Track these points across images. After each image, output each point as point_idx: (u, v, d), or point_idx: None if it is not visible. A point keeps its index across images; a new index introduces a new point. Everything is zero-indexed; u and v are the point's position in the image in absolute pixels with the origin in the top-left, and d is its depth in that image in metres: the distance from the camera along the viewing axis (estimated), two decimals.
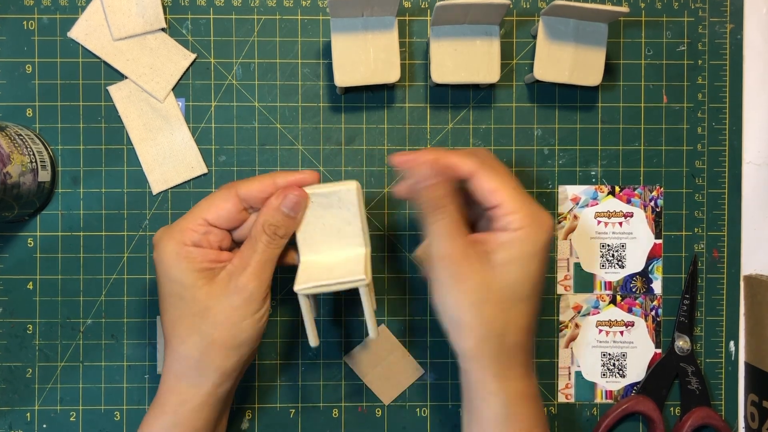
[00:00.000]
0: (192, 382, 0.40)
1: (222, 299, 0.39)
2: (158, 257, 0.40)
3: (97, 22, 0.50)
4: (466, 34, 0.48)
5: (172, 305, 0.40)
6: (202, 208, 0.41)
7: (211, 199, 0.41)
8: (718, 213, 0.52)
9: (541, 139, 0.52)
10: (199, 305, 0.39)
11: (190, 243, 0.40)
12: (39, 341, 0.50)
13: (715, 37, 0.52)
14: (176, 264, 0.39)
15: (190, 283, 0.39)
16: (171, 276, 0.39)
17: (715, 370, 0.52)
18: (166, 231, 0.40)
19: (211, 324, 0.39)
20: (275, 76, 0.51)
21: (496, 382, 0.39)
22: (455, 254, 0.39)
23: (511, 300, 0.39)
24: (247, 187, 0.41)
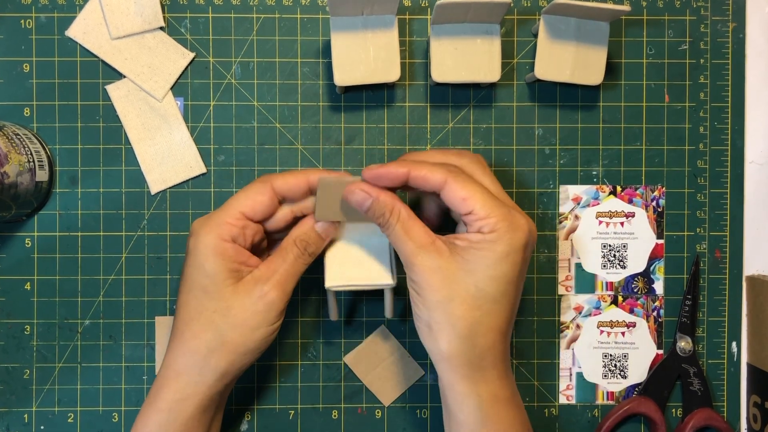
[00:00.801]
0: (191, 380, 0.40)
1: (245, 301, 0.40)
2: (194, 247, 0.41)
3: (95, 20, 0.50)
4: (467, 32, 0.48)
5: (195, 297, 0.40)
6: (239, 201, 0.41)
7: (247, 192, 0.42)
8: (721, 213, 0.52)
9: (542, 138, 0.52)
10: (222, 303, 0.40)
11: (229, 238, 0.41)
12: (36, 342, 0.50)
13: (717, 36, 0.52)
14: (212, 258, 0.40)
15: (220, 279, 0.40)
16: (204, 269, 0.40)
17: (717, 371, 0.52)
18: (206, 222, 0.41)
19: (230, 324, 0.40)
20: (274, 75, 0.51)
21: (468, 384, 0.39)
22: (416, 252, 0.39)
23: (481, 300, 0.38)
24: (283, 180, 0.42)
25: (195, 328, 0.40)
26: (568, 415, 0.52)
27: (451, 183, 0.39)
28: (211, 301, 0.40)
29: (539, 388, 0.52)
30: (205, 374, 0.40)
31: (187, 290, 0.41)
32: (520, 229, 0.39)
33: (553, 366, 0.52)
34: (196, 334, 0.40)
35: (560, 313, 0.52)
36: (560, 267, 0.52)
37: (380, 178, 0.40)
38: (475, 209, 0.38)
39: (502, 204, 0.39)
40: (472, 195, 0.38)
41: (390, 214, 0.40)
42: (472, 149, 0.51)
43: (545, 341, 0.52)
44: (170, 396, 0.41)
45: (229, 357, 0.41)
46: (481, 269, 0.38)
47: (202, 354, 0.40)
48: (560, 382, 0.52)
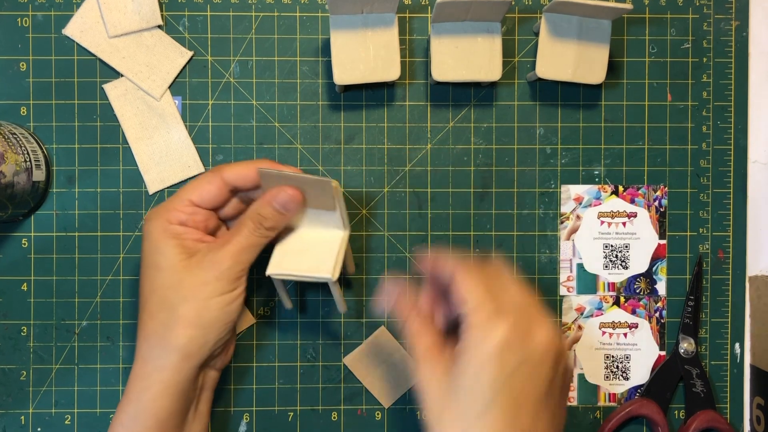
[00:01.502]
0: (155, 364, 0.40)
1: (196, 272, 0.40)
2: (146, 232, 0.42)
3: (92, 19, 0.49)
4: (468, 31, 0.48)
5: (150, 277, 0.41)
6: (188, 190, 0.43)
7: (197, 181, 0.43)
8: (724, 213, 0.52)
9: (544, 137, 0.51)
10: (174, 277, 0.40)
11: (176, 222, 0.42)
12: (33, 343, 0.50)
13: (720, 35, 0.52)
14: (162, 239, 0.41)
15: (172, 254, 0.41)
16: (157, 248, 0.41)
17: (720, 373, 0.52)
18: (155, 210, 0.43)
19: (181, 297, 0.40)
20: (273, 74, 0.51)
21: None
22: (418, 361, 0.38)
23: (471, 408, 0.35)
24: (232, 169, 0.43)
25: (151, 307, 0.41)
26: (570, 417, 0.52)
27: (457, 272, 0.38)
28: (164, 277, 0.41)
29: None
30: (165, 356, 0.40)
31: (143, 273, 0.42)
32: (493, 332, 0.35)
33: None
34: (152, 314, 0.41)
35: (562, 314, 0.52)
36: (562, 267, 0.52)
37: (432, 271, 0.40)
38: (467, 296, 0.36)
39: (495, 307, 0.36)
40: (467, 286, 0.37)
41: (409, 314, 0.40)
42: (473, 148, 0.51)
43: None
44: (138, 385, 0.40)
45: (186, 332, 0.40)
46: (467, 375, 0.35)
47: (159, 334, 0.40)
48: None
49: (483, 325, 0.36)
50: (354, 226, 0.51)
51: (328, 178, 0.41)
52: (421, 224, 0.51)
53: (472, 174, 0.51)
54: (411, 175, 0.51)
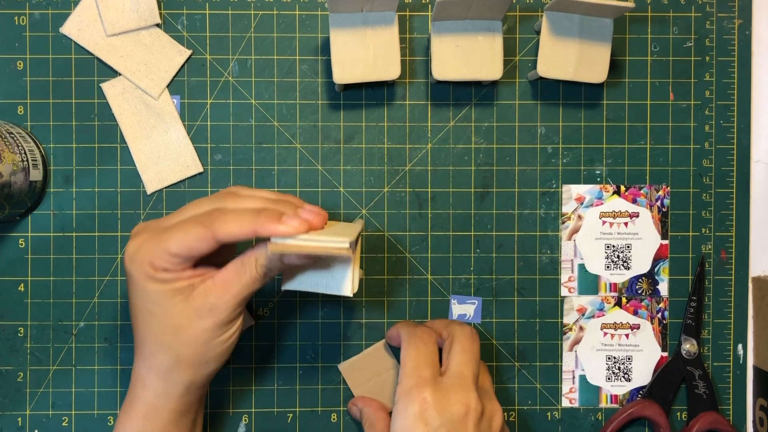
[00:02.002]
0: (160, 392, 0.41)
1: (194, 320, 0.39)
2: (129, 275, 0.39)
3: (89, 17, 0.49)
4: (468, 29, 0.47)
5: (144, 321, 0.40)
6: (174, 241, 0.38)
7: (184, 233, 0.38)
8: (726, 213, 0.52)
9: (545, 137, 0.51)
10: (171, 322, 0.39)
11: (161, 269, 0.38)
12: (30, 344, 0.50)
13: (723, 33, 0.52)
14: (149, 284, 0.39)
15: (163, 301, 0.39)
16: (144, 294, 0.39)
17: (722, 374, 0.52)
18: (135, 251, 0.39)
19: (182, 343, 0.39)
20: (272, 73, 0.51)
21: None
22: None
23: None
24: (227, 231, 0.38)
25: (151, 347, 0.40)
26: (571, 419, 0.52)
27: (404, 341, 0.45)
28: (159, 323, 0.39)
29: (542, 390, 0.52)
30: (171, 387, 0.41)
31: (135, 314, 0.40)
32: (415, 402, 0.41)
33: (555, 369, 0.52)
34: (153, 353, 0.40)
35: (563, 314, 0.52)
36: (563, 268, 0.52)
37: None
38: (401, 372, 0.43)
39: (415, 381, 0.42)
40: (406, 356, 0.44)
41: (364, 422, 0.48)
42: (474, 148, 0.51)
43: (548, 343, 0.52)
44: (143, 406, 0.41)
45: (190, 370, 0.40)
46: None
47: (162, 370, 0.40)
48: (563, 385, 0.52)
49: (403, 398, 0.41)
50: None
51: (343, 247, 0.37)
52: (421, 224, 0.51)
53: (472, 174, 0.51)
54: (411, 174, 0.51)
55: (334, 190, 0.51)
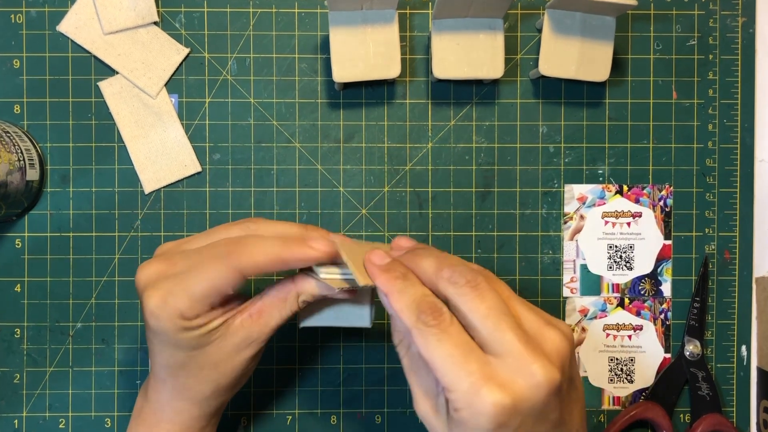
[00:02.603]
0: (193, 415, 0.41)
1: (233, 353, 0.39)
2: (158, 329, 0.37)
3: (87, 15, 0.49)
4: (469, 27, 0.47)
5: (179, 364, 0.39)
6: (201, 289, 0.36)
7: (206, 275, 0.36)
8: (730, 213, 0.52)
9: (547, 136, 0.51)
10: (209, 359, 0.39)
11: (192, 316, 0.37)
12: (27, 345, 0.50)
13: (727, 31, 0.51)
14: (184, 335, 0.37)
15: (200, 345, 0.38)
16: (179, 345, 0.38)
17: (726, 376, 0.52)
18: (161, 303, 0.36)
19: (221, 374, 0.39)
20: (271, 72, 0.50)
21: None
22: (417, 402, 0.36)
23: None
24: (252, 262, 0.36)
25: (186, 381, 0.39)
26: None
27: (414, 334, 0.33)
28: (197, 361, 0.38)
29: None
30: (204, 410, 0.41)
31: (166, 356, 0.38)
32: (482, 413, 0.31)
33: None
34: (188, 387, 0.40)
35: (565, 315, 0.52)
36: (565, 268, 0.51)
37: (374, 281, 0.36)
38: (437, 377, 0.33)
39: (467, 374, 0.32)
40: (431, 359, 0.32)
41: (398, 342, 0.37)
42: (475, 147, 0.51)
43: None
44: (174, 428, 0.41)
45: (227, 394, 0.41)
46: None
47: (198, 398, 0.40)
48: None
49: (466, 407, 0.32)
50: (354, 227, 0.51)
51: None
52: (421, 224, 0.51)
53: (473, 173, 0.51)
54: (411, 174, 0.51)
55: (333, 189, 0.51)
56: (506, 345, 0.32)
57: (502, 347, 0.32)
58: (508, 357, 0.32)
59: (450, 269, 0.34)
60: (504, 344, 0.32)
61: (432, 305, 0.34)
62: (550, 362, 0.32)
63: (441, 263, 0.35)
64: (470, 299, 0.33)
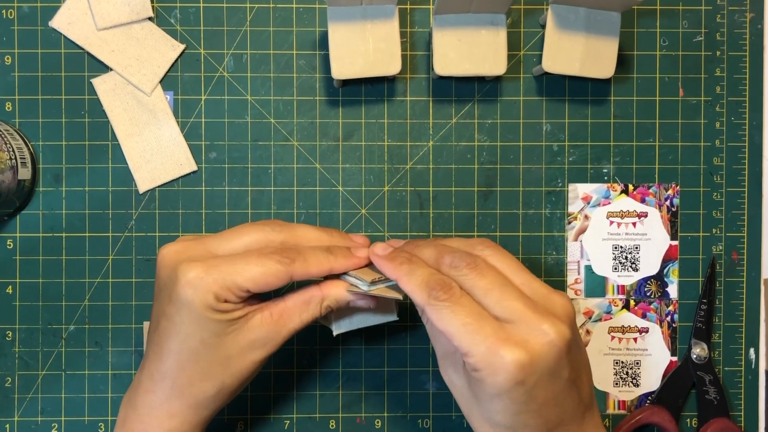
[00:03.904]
0: (187, 420, 0.40)
1: (246, 351, 0.40)
2: (187, 299, 0.38)
3: (80, 10, 0.49)
4: (471, 23, 0.47)
5: (191, 349, 0.39)
6: (252, 276, 0.38)
7: (263, 269, 0.38)
8: (738, 213, 0.52)
9: (550, 134, 0.51)
10: (222, 352, 0.39)
11: (223, 300, 0.38)
12: (18, 348, 0.50)
13: (735, 27, 0.51)
14: (210, 314, 0.38)
15: (221, 331, 0.39)
16: (200, 323, 0.38)
17: (734, 379, 0.52)
18: (204, 275, 0.38)
19: (229, 373, 0.40)
20: (269, 68, 0.50)
21: None
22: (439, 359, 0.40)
23: (491, 424, 0.37)
24: (305, 271, 0.39)
25: (191, 376, 0.39)
26: None
27: (428, 310, 0.36)
28: (211, 353, 0.39)
29: None
30: (201, 413, 0.41)
31: (180, 339, 0.39)
32: (501, 371, 0.34)
33: None
34: (192, 381, 0.40)
35: None
36: (569, 270, 0.51)
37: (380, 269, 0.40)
38: (455, 345, 0.36)
39: (483, 338, 0.35)
40: (448, 329, 0.36)
41: (421, 313, 0.39)
42: (477, 146, 0.51)
43: None
44: None
45: (226, 398, 0.41)
46: (483, 400, 0.37)
47: (199, 399, 0.40)
48: None
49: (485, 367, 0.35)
50: (353, 227, 0.51)
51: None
52: (422, 224, 0.51)
53: (475, 172, 0.51)
54: (412, 173, 0.51)
55: (332, 189, 0.51)
56: (514, 311, 0.36)
57: (511, 314, 0.36)
58: (518, 321, 0.36)
59: (450, 256, 0.38)
60: (513, 311, 0.36)
61: (441, 281, 0.37)
62: (560, 320, 0.36)
63: (441, 251, 0.38)
64: (471, 278, 0.37)
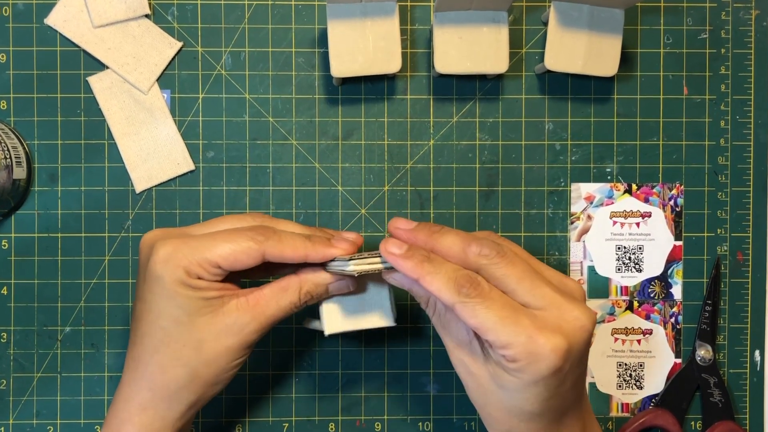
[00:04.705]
0: (158, 414, 0.40)
1: (220, 337, 0.39)
2: (157, 275, 0.38)
3: (76, 7, 0.49)
4: (472, 20, 0.47)
5: (163, 328, 0.39)
6: (220, 249, 0.38)
7: (233, 244, 0.38)
8: (743, 213, 0.51)
9: (553, 133, 0.51)
10: (194, 335, 0.39)
11: (195, 276, 0.38)
12: (14, 350, 0.50)
13: (740, 24, 0.51)
14: (180, 290, 0.38)
15: (194, 310, 0.38)
16: (171, 299, 0.38)
17: (739, 382, 0.52)
18: (169, 251, 0.38)
19: (202, 360, 0.39)
20: (267, 66, 0.50)
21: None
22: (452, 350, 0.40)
23: (514, 412, 0.38)
24: (279, 251, 0.39)
25: (162, 361, 0.39)
26: None
27: (459, 308, 0.36)
28: (182, 333, 0.39)
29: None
30: (174, 407, 0.40)
31: (151, 319, 0.39)
32: (543, 360, 0.35)
33: None
34: (163, 368, 0.39)
35: None
36: (572, 270, 0.51)
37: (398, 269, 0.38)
38: (490, 340, 0.36)
39: (521, 330, 0.35)
40: (483, 324, 0.35)
41: (426, 305, 0.40)
42: (478, 145, 0.51)
43: None
44: (138, 429, 0.39)
45: (200, 390, 0.40)
46: (512, 390, 0.37)
47: (170, 390, 0.39)
48: None
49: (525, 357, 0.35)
50: (353, 227, 0.51)
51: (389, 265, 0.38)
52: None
53: (477, 171, 0.51)
54: (412, 172, 0.51)
55: (332, 188, 0.51)
56: (546, 298, 0.36)
57: (543, 301, 0.36)
58: (550, 308, 0.36)
59: (478, 245, 0.37)
60: (544, 298, 0.36)
61: (468, 277, 0.36)
62: (585, 306, 0.37)
63: (465, 239, 0.38)
64: (503, 266, 0.37)
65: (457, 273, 0.37)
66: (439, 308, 0.40)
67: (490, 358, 0.37)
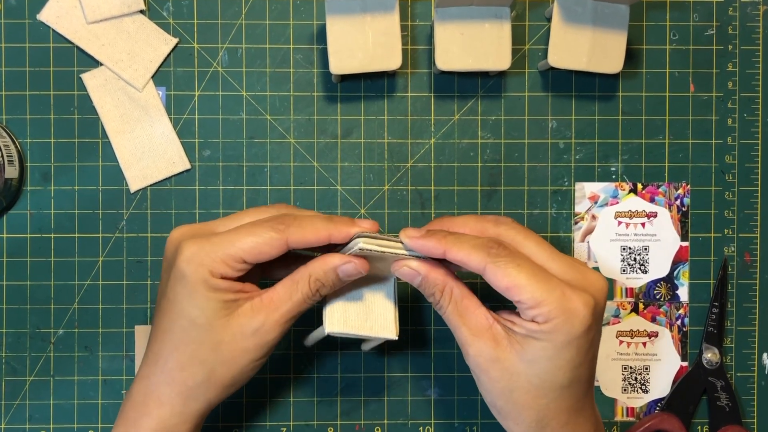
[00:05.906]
0: (176, 410, 0.40)
1: (237, 338, 0.40)
2: (181, 273, 0.39)
3: (69, 3, 0.49)
4: (474, 16, 0.47)
5: (182, 327, 0.39)
6: (244, 243, 0.39)
7: (256, 236, 0.39)
8: (751, 213, 0.51)
9: (556, 131, 0.51)
10: (212, 335, 0.39)
11: (219, 275, 0.39)
12: (5, 353, 0.50)
13: (747, 20, 0.51)
14: (202, 290, 0.39)
15: (212, 312, 0.39)
16: (192, 299, 0.39)
17: (746, 385, 0.52)
18: (199, 250, 0.39)
19: (219, 360, 0.40)
20: (265, 63, 0.50)
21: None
22: (471, 340, 0.39)
23: (546, 389, 0.38)
24: (302, 237, 0.39)
25: (181, 359, 0.40)
26: None
27: (491, 269, 0.37)
28: (200, 333, 0.39)
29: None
30: (191, 405, 0.41)
31: (173, 317, 0.40)
32: (577, 315, 0.37)
33: None
34: (182, 365, 0.40)
35: None
36: None
37: (419, 250, 0.40)
38: (522, 299, 0.37)
39: (554, 286, 0.37)
40: (516, 283, 0.37)
41: (441, 294, 0.40)
42: (480, 143, 0.51)
43: None
44: (153, 425, 0.40)
45: (217, 390, 0.41)
46: (543, 360, 0.38)
47: (188, 386, 0.40)
48: None
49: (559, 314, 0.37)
50: None
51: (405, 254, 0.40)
52: (423, 225, 0.51)
53: (479, 170, 0.51)
54: (413, 171, 0.51)
55: (330, 188, 0.50)
56: (565, 264, 0.39)
57: (562, 266, 0.39)
58: (571, 271, 0.39)
59: (492, 217, 0.41)
60: (563, 263, 0.39)
61: (494, 240, 0.39)
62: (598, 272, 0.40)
63: (480, 216, 0.42)
64: (522, 233, 0.40)
65: (481, 239, 0.38)
66: (456, 295, 0.40)
67: (514, 335, 0.38)
